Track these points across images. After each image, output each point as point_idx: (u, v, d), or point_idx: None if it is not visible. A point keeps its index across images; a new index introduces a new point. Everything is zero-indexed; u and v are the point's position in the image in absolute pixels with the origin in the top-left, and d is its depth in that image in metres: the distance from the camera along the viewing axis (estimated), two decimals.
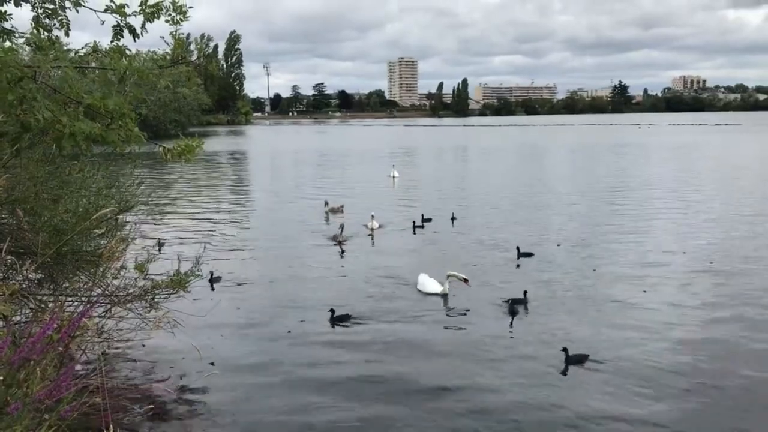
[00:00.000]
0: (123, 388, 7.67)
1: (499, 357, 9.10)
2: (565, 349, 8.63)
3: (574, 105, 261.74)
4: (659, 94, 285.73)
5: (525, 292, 11.34)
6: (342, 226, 16.15)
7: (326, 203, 21.79)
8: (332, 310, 10.67)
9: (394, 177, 32.82)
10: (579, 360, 8.63)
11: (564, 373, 8.46)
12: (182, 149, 6.25)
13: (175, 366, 8.71)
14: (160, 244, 15.53)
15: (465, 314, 10.95)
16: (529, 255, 14.89)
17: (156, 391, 7.91)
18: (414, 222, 18.70)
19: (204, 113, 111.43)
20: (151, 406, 7.44)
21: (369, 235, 17.57)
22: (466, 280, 11.75)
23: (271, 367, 8.93)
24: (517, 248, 14.99)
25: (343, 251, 15.70)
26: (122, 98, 5.74)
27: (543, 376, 8.43)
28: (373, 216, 17.99)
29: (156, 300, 7.45)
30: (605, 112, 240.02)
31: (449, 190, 28.86)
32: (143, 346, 8.94)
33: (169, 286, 7.49)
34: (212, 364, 8.74)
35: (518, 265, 14.34)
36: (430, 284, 12.17)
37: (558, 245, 16.35)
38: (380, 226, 18.08)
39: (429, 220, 18.91)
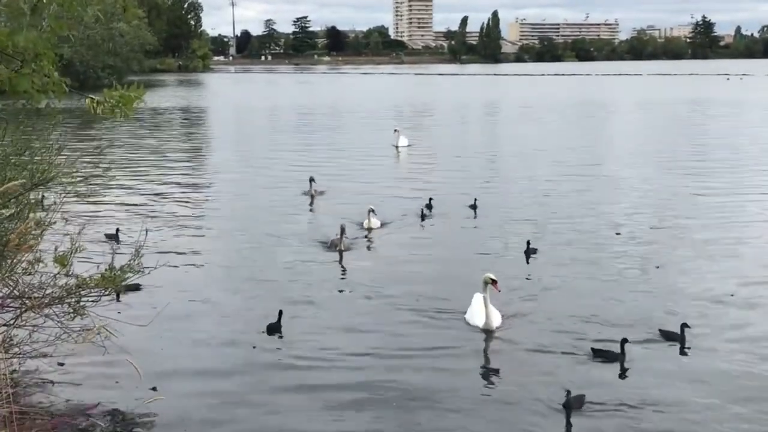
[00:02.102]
0: (37, 418, 7.74)
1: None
2: (568, 392, 8.60)
3: (641, 48, 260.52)
4: (755, 34, 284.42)
5: (683, 326, 10.50)
6: (343, 228, 15.70)
7: (312, 181, 21.39)
8: (280, 312, 10.94)
9: (398, 147, 32.54)
10: (577, 403, 8.57)
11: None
12: (117, 101, 6.16)
13: (106, 390, 8.77)
14: (111, 235, 15.64)
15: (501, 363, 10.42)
16: (533, 252, 14.94)
17: (81, 422, 7.97)
18: (422, 210, 18.58)
19: (148, 56, 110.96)
20: None
21: (366, 237, 17.11)
22: (494, 282, 11.31)
23: (230, 394, 8.99)
24: (527, 243, 15.01)
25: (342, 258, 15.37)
26: (37, 33, 5.69)
27: None
28: (371, 211, 17.49)
29: (82, 304, 7.48)
30: (683, 57, 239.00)
31: (474, 163, 28.86)
32: (61, 365, 9.00)
33: (99, 286, 7.51)
34: (154, 389, 8.78)
35: (528, 261, 14.60)
36: (476, 311, 11.32)
37: (617, 233, 16.77)
38: (382, 225, 17.69)
39: (430, 207, 18.77)
